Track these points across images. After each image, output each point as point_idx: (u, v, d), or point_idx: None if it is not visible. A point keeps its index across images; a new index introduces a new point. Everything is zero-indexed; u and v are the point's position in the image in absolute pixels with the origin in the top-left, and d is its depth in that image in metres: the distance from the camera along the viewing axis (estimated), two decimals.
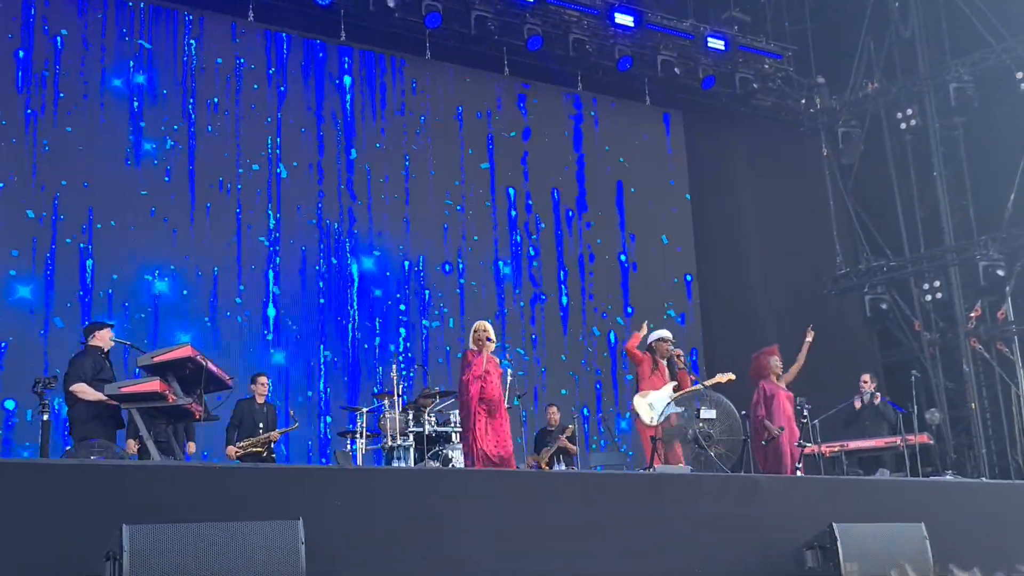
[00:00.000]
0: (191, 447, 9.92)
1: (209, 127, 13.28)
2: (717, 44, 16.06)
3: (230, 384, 8.44)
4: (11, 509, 5.12)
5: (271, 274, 13.32)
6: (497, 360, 9.05)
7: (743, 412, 9.20)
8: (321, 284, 13.66)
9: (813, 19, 17.42)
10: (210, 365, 7.98)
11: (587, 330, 15.64)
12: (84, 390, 8.12)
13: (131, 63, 12.93)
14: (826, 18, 17.59)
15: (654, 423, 9.01)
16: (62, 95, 12.42)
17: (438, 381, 12.64)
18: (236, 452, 10.37)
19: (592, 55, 15.35)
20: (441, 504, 6.36)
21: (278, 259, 13.41)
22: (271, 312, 13.21)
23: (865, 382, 12.28)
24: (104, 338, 8.61)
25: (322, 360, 13.45)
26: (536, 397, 9.48)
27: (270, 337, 13.12)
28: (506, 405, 9.07)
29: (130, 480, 5.58)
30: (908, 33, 17.09)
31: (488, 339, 8.76)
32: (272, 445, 10.77)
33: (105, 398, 7.96)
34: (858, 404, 12.18)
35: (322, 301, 13.63)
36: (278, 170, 13.63)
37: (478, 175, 15.25)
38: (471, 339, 8.86)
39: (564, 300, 15.51)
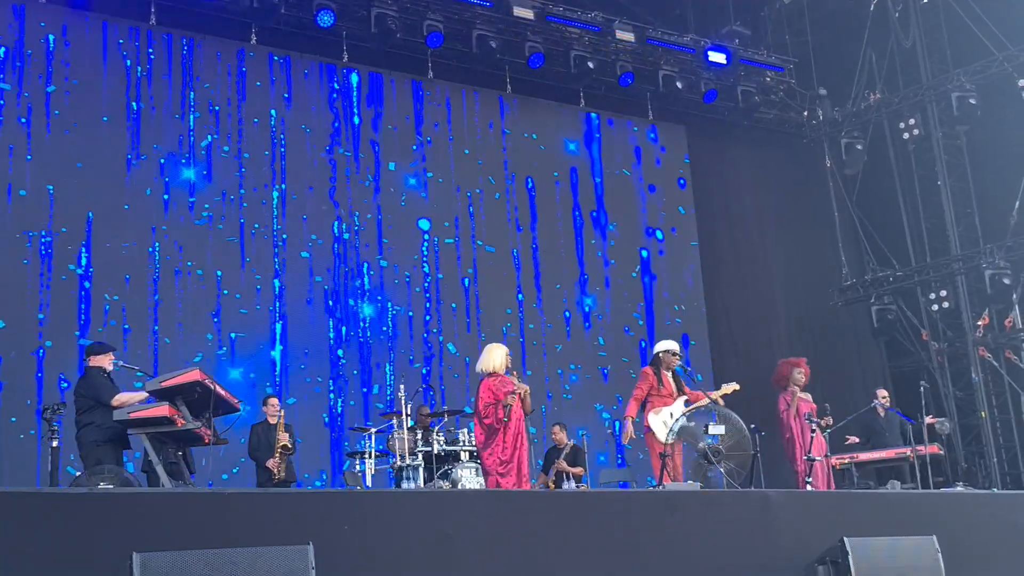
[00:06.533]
0: None
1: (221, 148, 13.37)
2: (718, 58, 16.10)
3: (238, 407, 8.46)
4: (21, 540, 5.11)
5: (277, 296, 13.36)
6: (513, 378, 9.21)
7: (752, 426, 9.15)
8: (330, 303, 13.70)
9: (814, 31, 17.44)
10: (218, 389, 7.99)
11: (597, 343, 15.61)
12: (123, 399, 8.16)
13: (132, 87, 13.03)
14: (827, 30, 17.61)
15: (670, 440, 9.00)
16: (76, 123, 12.53)
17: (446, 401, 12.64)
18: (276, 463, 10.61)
19: (594, 71, 15.36)
20: (450, 526, 6.34)
21: (285, 281, 13.44)
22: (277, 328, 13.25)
23: (884, 397, 12.15)
24: (107, 360, 8.64)
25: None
26: (544, 416, 9.52)
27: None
28: None
29: (140, 508, 5.58)
30: (909, 43, 17.10)
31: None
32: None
33: (146, 394, 7.96)
34: (882, 412, 12.04)
35: (331, 336, 13.65)
36: (283, 187, 13.68)
37: (486, 190, 15.25)
38: (496, 362, 9.11)
39: (568, 315, 15.46)
